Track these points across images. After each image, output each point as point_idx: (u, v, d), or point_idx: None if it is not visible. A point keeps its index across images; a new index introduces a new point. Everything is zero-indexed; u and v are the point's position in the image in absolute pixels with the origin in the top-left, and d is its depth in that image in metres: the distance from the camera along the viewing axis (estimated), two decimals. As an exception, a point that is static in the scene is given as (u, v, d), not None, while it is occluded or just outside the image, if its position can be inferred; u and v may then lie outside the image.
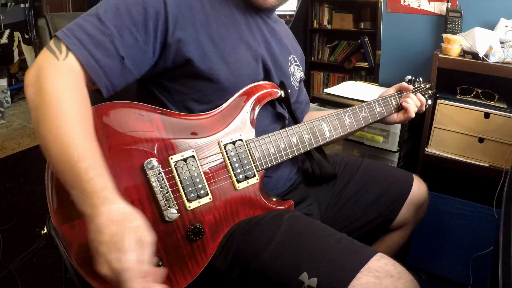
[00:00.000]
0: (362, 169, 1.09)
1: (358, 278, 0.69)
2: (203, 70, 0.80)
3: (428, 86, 1.19)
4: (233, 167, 0.82)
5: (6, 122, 3.31)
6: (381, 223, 1.06)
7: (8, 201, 2.14)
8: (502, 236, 0.72)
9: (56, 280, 1.56)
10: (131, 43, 0.74)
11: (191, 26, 0.79)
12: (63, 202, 0.70)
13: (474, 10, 1.53)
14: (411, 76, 1.16)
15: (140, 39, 0.75)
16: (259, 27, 0.92)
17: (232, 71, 0.83)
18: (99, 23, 0.72)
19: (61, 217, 0.70)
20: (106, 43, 0.71)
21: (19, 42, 3.86)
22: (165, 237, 0.75)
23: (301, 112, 1.13)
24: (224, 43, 0.83)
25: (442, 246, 1.55)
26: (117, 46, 0.72)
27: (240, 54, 0.85)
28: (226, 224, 0.81)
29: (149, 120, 0.77)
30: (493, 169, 1.37)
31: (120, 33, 0.72)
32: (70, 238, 0.70)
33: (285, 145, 0.88)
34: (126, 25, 0.73)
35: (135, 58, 0.75)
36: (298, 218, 0.82)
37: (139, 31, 0.74)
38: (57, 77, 0.67)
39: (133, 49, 0.74)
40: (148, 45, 0.76)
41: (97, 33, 0.71)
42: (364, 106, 1.02)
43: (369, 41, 3.38)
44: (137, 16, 0.74)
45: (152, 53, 0.77)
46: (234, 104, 0.85)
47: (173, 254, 0.76)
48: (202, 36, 0.80)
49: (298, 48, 1.10)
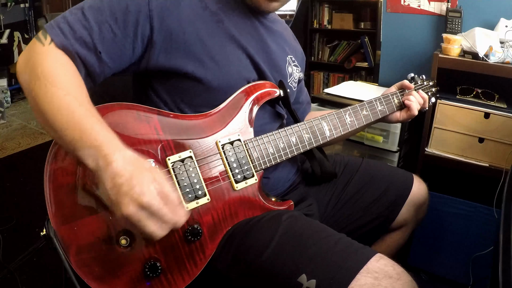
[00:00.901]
0: (362, 169, 1.09)
1: (357, 279, 0.68)
2: (190, 70, 0.80)
3: (431, 83, 1.18)
4: (231, 167, 0.81)
5: (6, 122, 3.31)
6: (381, 223, 1.05)
7: (8, 201, 2.14)
8: (502, 236, 0.72)
9: (56, 280, 1.56)
10: (108, 37, 0.75)
11: (177, 24, 0.79)
12: (62, 204, 0.70)
13: (474, 10, 1.53)
14: (414, 74, 1.14)
15: (118, 34, 0.75)
16: (255, 26, 0.91)
17: (220, 70, 0.82)
18: (82, 16, 0.74)
19: (60, 219, 0.70)
20: (85, 36, 0.73)
21: (19, 42, 3.86)
22: (163, 238, 0.73)
23: (302, 112, 1.13)
24: (212, 41, 0.82)
25: (442, 246, 1.55)
26: (95, 41, 0.74)
27: (229, 53, 0.84)
28: (225, 224, 0.81)
29: (147, 121, 0.77)
30: (493, 169, 1.37)
31: (100, 28, 0.74)
32: (69, 240, 0.70)
33: (284, 145, 0.88)
34: (106, 20, 0.74)
35: (112, 52, 0.76)
36: (297, 219, 0.82)
37: (118, 26, 0.75)
38: (45, 55, 0.70)
39: (111, 44, 0.75)
40: (127, 40, 0.76)
41: (79, 26, 0.73)
42: (365, 105, 1.01)
43: (369, 41, 3.38)
44: (118, 12, 0.75)
45: (132, 49, 0.78)
46: (232, 104, 0.85)
47: (171, 255, 0.75)
48: (189, 34, 0.80)
49: (298, 48, 1.09)
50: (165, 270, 0.75)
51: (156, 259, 0.74)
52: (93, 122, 0.66)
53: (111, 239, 0.71)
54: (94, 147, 0.64)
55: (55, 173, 0.71)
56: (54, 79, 0.68)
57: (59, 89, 0.67)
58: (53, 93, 0.67)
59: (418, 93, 1.08)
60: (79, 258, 0.70)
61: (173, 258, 0.76)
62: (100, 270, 0.71)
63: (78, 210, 0.71)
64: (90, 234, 0.71)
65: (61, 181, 0.71)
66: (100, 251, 0.71)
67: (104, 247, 0.71)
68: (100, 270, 0.71)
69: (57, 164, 0.71)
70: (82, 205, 0.71)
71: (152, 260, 0.73)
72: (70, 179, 0.71)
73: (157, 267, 0.73)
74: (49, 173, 0.71)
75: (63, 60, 0.72)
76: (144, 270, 0.73)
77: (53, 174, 0.71)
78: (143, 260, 0.73)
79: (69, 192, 0.71)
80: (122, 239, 0.71)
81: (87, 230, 0.71)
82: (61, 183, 0.71)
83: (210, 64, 0.81)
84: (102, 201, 0.71)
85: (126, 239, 0.71)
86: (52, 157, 0.71)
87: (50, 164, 0.71)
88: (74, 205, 0.71)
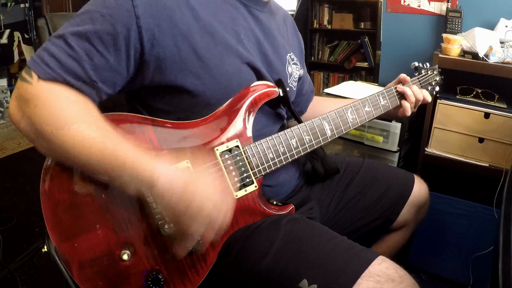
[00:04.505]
0: (363, 170, 1.08)
1: (359, 284, 0.68)
2: (187, 86, 0.75)
3: (435, 72, 1.13)
4: (230, 176, 0.78)
5: (6, 122, 3.31)
6: (382, 223, 1.05)
7: (8, 201, 2.14)
8: (502, 236, 0.72)
9: (56, 280, 1.56)
10: (101, 65, 0.69)
11: (170, 40, 0.72)
12: (60, 221, 0.69)
13: (474, 10, 1.53)
14: (417, 63, 1.10)
15: (111, 59, 0.69)
16: (252, 29, 0.85)
17: (219, 84, 0.78)
18: (66, 46, 0.67)
19: (59, 236, 0.69)
20: (75, 68, 0.67)
21: (19, 42, 3.85)
22: (164, 251, 0.73)
23: (305, 102, 1.11)
24: (209, 54, 0.76)
25: (442, 246, 1.55)
26: (88, 71, 0.68)
27: (229, 65, 0.78)
28: (225, 232, 0.79)
29: (141, 132, 0.74)
30: (493, 169, 1.37)
31: (89, 56, 0.68)
32: (70, 256, 0.69)
33: (284, 149, 0.84)
34: (94, 46, 0.68)
35: (107, 79, 0.71)
36: (297, 222, 0.80)
37: (109, 51, 0.69)
38: (36, 97, 0.65)
39: (105, 71, 0.70)
40: (120, 64, 0.71)
41: (65, 57, 0.67)
42: (368, 100, 0.97)
43: (369, 41, 3.38)
44: (104, 35, 0.68)
45: (126, 71, 0.72)
46: (228, 108, 0.80)
47: (172, 266, 0.74)
48: (184, 50, 0.73)
49: (296, 41, 1.05)
50: (168, 282, 0.74)
51: (158, 271, 0.73)
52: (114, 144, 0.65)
53: (113, 254, 0.71)
54: (128, 173, 0.64)
55: (51, 191, 0.69)
56: (59, 122, 0.64)
57: (66, 129, 0.64)
58: (64, 136, 0.64)
59: (411, 88, 1.02)
60: (82, 273, 0.69)
61: (175, 269, 0.75)
62: (104, 284, 0.71)
63: (77, 227, 0.69)
64: (91, 249, 0.70)
65: (58, 199, 0.69)
66: (102, 266, 0.70)
67: (106, 261, 0.70)
68: (104, 284, 0.71)
69: (52, 182, 0.69)
70: (81, 221, 0.69)
71: (155, 272, 0.73)
72: (66, 196, 0.69)
73: (159, 279, 0.72)
74: (45, 191, 0.69)
75: (56, 91, 0.67)
76: (147, 283, 0.72)
77: (49, 192, 0.69)
78: (146, 273, 0.73)
79: (66, 210, 0.69)
80: (124, 254, 0.70)
81: (87, 246, 0.69)
82: (58, 201, 0.69)
83: (208, 79, 0.76)
84: (100, 217, 0.70)
85: (127, 253, 0.71)
86: (47, 175, 0.69)
87: (46, 183, 0.69)
88: (73, 222, 0.69)
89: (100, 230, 0.70)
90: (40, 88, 0.66)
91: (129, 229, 0.71)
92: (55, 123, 0.64)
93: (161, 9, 0.71)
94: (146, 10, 0.70)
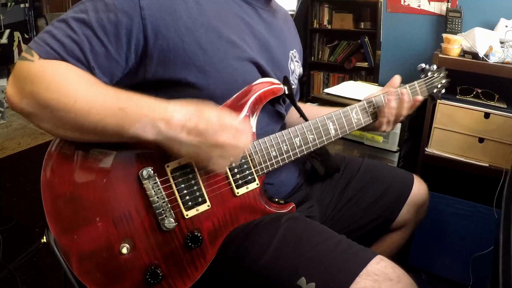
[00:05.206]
0: (362, 170, 1.08)
1: (357, 282, 0.68)
2: (191, 81, 0.75)
3: (441, 74, 1.11)
4: (232, 173, 0.78)
5: (6, 122, 3.31)
6: (381, 223, 1.05)
7: (8, 201, 2.14)
8: (502, 236, 0.72)
9: (56, 280, 1.56)
10: (101, 53, 0.69)
11: (174, 32, 0.72)
12: (60, 214, 0.69)
13: (474, 10, 1.53)
14: (424, 65, 1.08)
15: (111, 49, 0.69)
16: (256, 26, 0.86)
17: (223, 79, 0.78)
18: (68, 29, 0.67)
19: (59, 228, 0.69)
20: (76, 51, 0.67)
21: (19, 42, 3.85)
22: (164, 245, 0.74)
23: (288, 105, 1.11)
24: (214, 49, 0.76)
25: (442, 246, 1.55)
26: (87, 56, 0.68)
27: (233, 60, 0.79)
28: (225, 229, 0.79)
29: None
30: (493, 169, 1.37)
31: (90, 43, 0.68)
32: (69, 248, 0.69)
33: (287, 147, 0.84)
34: (96, 34, 0.68)
35: (105, 68, 0.71)
36: (296, 221, 0.81)
37: (110, 41, 0.69)
38: (39, 72, 0.65)
39: (104, 59, 0.70)
40: (120, 54, 0.71)
41: (67, 40, 0.67)
42: (373, 100, 0.96)
43: (369, 41, 3.37)
44: (107, 24, 0.68)
45: (125, 62, 0.72)
46: (233, 104, 0.80)
47: (171, 261, 0.75)
48: (188, 43, 0.73)
49: (297, 39, 1.06)
50: (166, 276, 0.74)
51: (156, 266, 0.73)
52: (124, 97, 0.66)
53: (112, 247, 0.71)
54: (144, 115, 0.65)
55: (51, 183, 0.69)
56: (70, 92, 0.64)
57: (81, 89, 0.65)
58: (80, 96, 0.64)
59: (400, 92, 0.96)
60: (81, 265, 0.69)
61: (174, 263, 0.75)
62: (102, 277, 0.71)
63: (77, 219, 0.69)
64: (91, 242, 0.70)
65: (58, 191, 0.69)
66: (101, 259, 0.70)
67: (105, 255, 0.71)
68: (102, 277, 0.71)
69: (53, 174, 0.69)
70: (81, 214, 0.70)
71: (153, 266, 0.73)
72: (67, 188, 0.69)
73: (158, 274, 0.72)
74: (45, 183, 0.69)
75: (62, 66, 0.66)
76: (145, 277, 0.72)
77: (50, 184, 0.69)
78: (144, 267, 0.73)
79: (67, 202, 0.69)
80: (123, 247, 0.71)
81: (87, 238, 0.70)
82: (58, 193, 0.69)
83: (213, 73, 0.76)
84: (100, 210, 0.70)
85: (126, 247, 0.71)
86: (48, 168, 0.69)
87: (46, 175, 0.69)
88: (72, 215, 0.69)
89: (100, 223, 0.70)
90: (42, 65, 0.66)
91: (129, 222, 0.71)
92: (67, 94, 0.64)
93: (166, 1, 0.72)
94: (151, 1, 0.70)
